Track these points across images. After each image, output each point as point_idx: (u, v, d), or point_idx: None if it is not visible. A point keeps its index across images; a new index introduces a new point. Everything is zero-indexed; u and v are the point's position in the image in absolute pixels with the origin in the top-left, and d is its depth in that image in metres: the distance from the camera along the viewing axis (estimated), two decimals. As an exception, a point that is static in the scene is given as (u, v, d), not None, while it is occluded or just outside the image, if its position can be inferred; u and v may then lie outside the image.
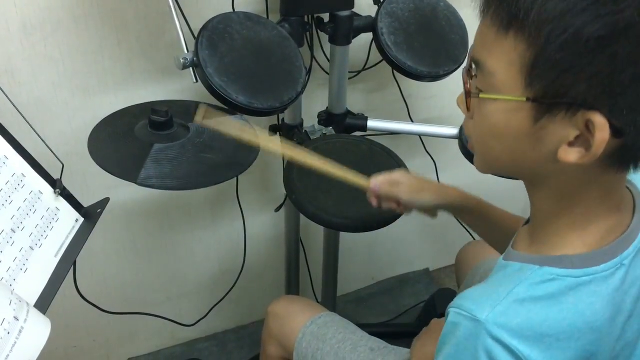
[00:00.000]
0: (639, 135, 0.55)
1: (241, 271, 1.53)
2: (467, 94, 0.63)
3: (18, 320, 0.64)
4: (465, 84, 0.63)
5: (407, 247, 1.92)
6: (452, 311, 0.63)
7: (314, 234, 1.63)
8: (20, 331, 0.63)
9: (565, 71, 0.53)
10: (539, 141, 0.59)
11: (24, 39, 1.14)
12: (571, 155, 0.56)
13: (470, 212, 0.97)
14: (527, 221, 0.73)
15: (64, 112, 1.24)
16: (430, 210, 0.98)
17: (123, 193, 1.37)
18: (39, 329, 0.66)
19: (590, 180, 0.61)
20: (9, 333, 0.62)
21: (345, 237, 1.56)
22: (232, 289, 1.55)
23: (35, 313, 0.67)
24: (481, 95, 0.61)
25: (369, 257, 1.87)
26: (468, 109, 0.64)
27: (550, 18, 0.52)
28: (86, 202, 0.92)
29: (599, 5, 0.51)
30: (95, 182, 1.31)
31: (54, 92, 1.21)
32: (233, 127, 0.95)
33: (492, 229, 0.96)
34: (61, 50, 1.18)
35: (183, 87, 1.31)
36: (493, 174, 0.74)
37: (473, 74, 0.62)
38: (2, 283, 0.68)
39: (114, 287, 1.51)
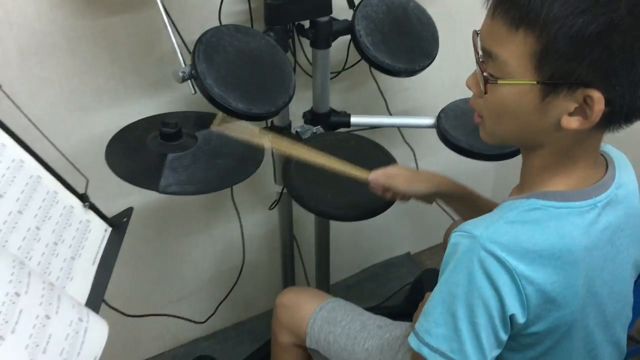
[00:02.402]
0: (623, 103, 0.69)
1: (241, 269, 1.60)
2: (486, 80, 0.74)
3: (82, 321, 0.70)
4: (482, 71, 0.74)
5: (389, 233, 2.02)
6: (454, 234, 0.76)
7: (305, 228, 1.72)
8: (85, 330, 0.70)
9: (570, 59, 0.66)
10: (544, 114, 0.72)
11: (21, 63, 1.18)
12: (573, 123, 0.70)
13: (458, 198, 1.09)
14: None
15: (62, 131, 1.29)
16: (426, 198, 1.08)
17: (122, 203, 1.42)
18: (99, 327, 0.72)
19: (579, 141, 0.75)
20: (77, 332, 0.69)
21: (332, 229, 1.65)
22: (234, 286, 1.62)
23: (93, 314, 0.74)
24: (499, 82, 0.72)
25: (354, 246, 1.96)
26: (485, 92, 0.75)
27: (557, 18, 0.65)
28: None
29: (596, 7, 0.64)
30: (95, 195, 1.36)
31: (51, 112, 1.26)
32: (245, 132, 1.02)
33: (476, 213, 1.06)
34: (57, 72, 1.23)
35: (173, 99, 1.38)
36: (497, 144, 0.84)
37: (483, 62, 0.74)
38: (62, 290, 0.74)
39: (116, 292, 1.56)
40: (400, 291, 1.94)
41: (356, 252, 1.99)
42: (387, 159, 1.25)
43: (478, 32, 0.77)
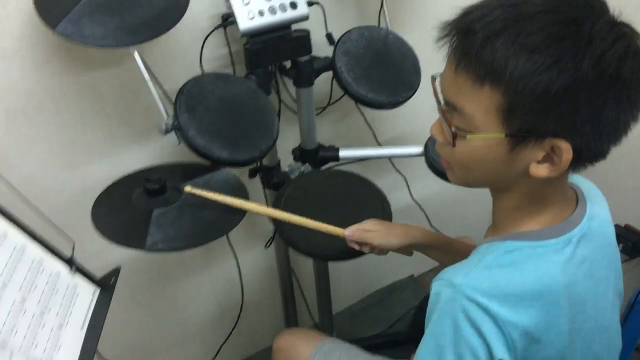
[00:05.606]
0: (589, 151, 0.70)
1: (241, 308, 1.61)
2: (454, 135, 0.73)
3: (68, 395, 0.71)
4: (449, 124, 0.73)
5: (391, 257, 2.00)
6: (434, 283, 0.76)
7: (303, 260, 1.72)
8: (71, 405, 0.70)
9: (538, 114, 0.66)
10: (513, 163, 0.72)
11: (10, 123, 1.20)
12: (542, 171, 0.71)
13: (434, 248, 1.10)
14: None
15: (55, 186, 1.31)
16: (403, 250, 1.10)
17: (119, 252, 1.43)
18: (86, 400, 0.73)
19: (546, 182, 0.74)
20: (62, 409, 0.69)
21: (332, 259, 1.66)
22: (235, 326, 1.63)
23: (79, 386, 0.75)
24: (468, 137, 0.72)
25: (356, 272, 1.96)
26: (454, 145, 0.74)
27: (522, 76, 0.64)
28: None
29: (561, 63, 0.63)
30: (88, 249, 1.37)
31: (43, 169, 1.28)
32: (219, 196, 1.03)
33: (453, 259, 1.06)
34: (45, 129, 1.24)
35: (162, 146, 1.39)
36: (466, 186, 0.85)
37: (449, 114, 0.73)
38: (47, 364, 0.75)
39: (120, 340, 1.57)
40: (406, 315, 1.94)
41: (359, 278, 1.99)
42: (375, 194, 1.25)
43: (435, 77, 0.76)
